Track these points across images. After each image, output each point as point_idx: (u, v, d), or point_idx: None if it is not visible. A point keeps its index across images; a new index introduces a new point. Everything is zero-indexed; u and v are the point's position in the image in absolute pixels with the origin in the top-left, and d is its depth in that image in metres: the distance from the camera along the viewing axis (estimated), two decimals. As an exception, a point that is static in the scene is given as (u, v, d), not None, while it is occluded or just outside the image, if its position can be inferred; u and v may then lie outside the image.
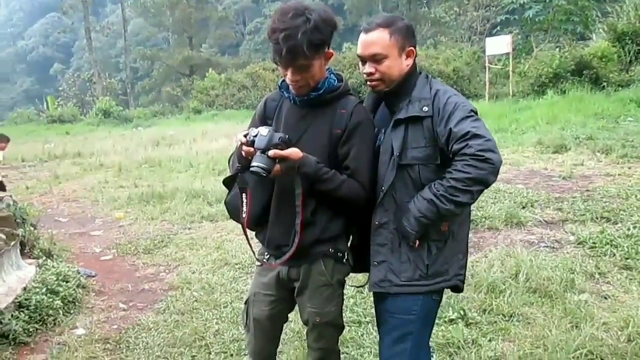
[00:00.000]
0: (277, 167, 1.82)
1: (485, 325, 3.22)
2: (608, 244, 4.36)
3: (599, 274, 3.89)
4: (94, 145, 14.78)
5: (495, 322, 3.25)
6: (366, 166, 1.92)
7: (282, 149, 1.80)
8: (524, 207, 5.61)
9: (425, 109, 1.86)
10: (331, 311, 2.02)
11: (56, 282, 4.15)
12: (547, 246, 4.56)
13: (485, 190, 6.23)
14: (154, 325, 3.75)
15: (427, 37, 30.62)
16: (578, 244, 4.54)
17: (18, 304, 3.69)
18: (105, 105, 25.47)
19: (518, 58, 18.54)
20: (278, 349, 2.37)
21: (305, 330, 2.16)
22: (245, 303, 2.17)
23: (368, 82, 1.97)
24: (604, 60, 15.08)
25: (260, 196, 1.99)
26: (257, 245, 2.16)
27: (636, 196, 5.57)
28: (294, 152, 1.83)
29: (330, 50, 1.92)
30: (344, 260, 2.02)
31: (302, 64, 1.82)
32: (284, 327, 2.31)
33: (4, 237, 4.02)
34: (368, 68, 1.95)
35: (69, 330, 3.73)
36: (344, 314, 2.20)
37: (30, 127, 24.12)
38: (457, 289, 2.03)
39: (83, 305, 4.18)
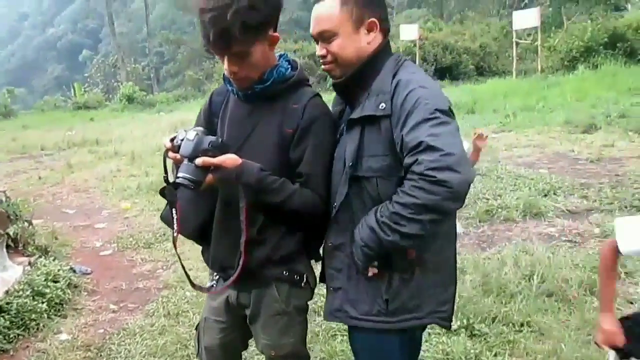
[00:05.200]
0: (210, 177, 1.52)
1: (491, 337, 2.87)
2: (637, 237, 3.93)
3: (626, 273, 3.49)
4: (113, 132, 14.71)
5: (503, 333, 2.90)
6: (323, 173, 1.60)
7: (213, 156, 1.49)
8: (545, 195, 5.20)
9: (382, 105, 1.46)
10: (289, 343, 1.73)
11: (44, 283, 3.97)
12: (568, 240, 4.18)
13: (505, 177, 5.78)
14: (139, 330, 3.54)
15: (453, 12, 29.73)
16: (603, 237, 4.13)
17: (-1, 308, 3.52)
18: (129, 90, 25.47)
19: (548, 32, 17.70)
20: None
21: (266, 359, 1.87)
22: (196, 329, 1.89)
23: (322, 67, 1.62)
24: (639, 31, 14.24)
25: (202, 207, 1.70)
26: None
27: (672, 181, 5.11)
28: (228, 159, 1.51)
29: (276, 34, 1.59)
30: (303, 284, 1.71)
31: (238, 51, 1.50)
32: (243, 355, 2.02)
33: (-14, 237, 3.85)
34: (319, 49, 1.59)
35: (52, 335, 3.55)
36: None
37: (56, 114, 24.28)
38: (440, 326, 1.63)
39: (71, 307, 3.99)
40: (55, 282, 4.12)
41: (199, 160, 1.47)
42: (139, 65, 38.17)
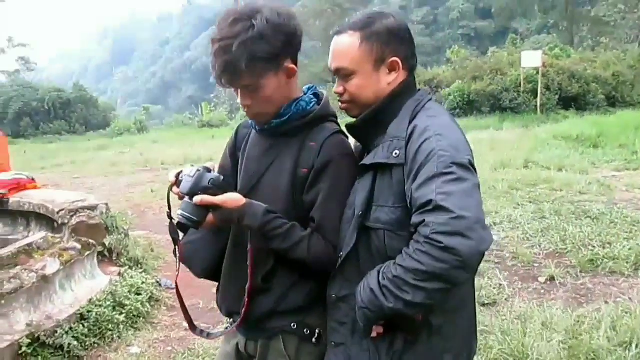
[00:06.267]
0: (210, 217, 1.43)
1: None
2: None
3: None
4: (227, 151, 15.40)
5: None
6: (338, 219, 1.45)
7: (213, 194, 1.40)
8: (666, 248, 4.52)
9: (397, 153, 1.33)
10: None
11: (126, 295, 4.15)
12: (686, 304, 3.55)
13: (619, 222, 5.16)
14: (203, 352, 3.57)
15: (585, 39, 27.81)
16: None
17: (80, 315, 3.72)
18: (247, 111, 26.73)
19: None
20: None
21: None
22: (211, 370, 1.81)
23: (340, 105, 1.51)
24: None
25: (214, 245, 1.62)
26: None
27: None
28: (229, 199, 1.41)
29: (292, 65, 1.47)
30: (314, 339, 1.54)
31: (247, 84, 1.41)
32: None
33: (79, 247, 4.10)
34: (337, 86, 1.48)
35: (124, 347, 3.68)
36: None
37: (183, 130, 26.15)
38: None
39: (148, 321, 4.13)
40: (138, 294, 4.29)
41: (197, 199, 1.40)
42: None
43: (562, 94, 18.16)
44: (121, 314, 3.93)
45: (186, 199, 1.42)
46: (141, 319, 4.09)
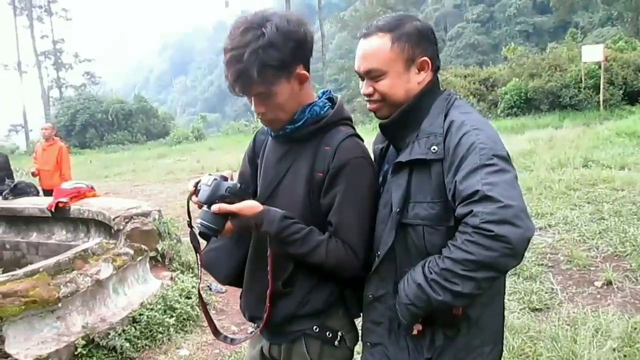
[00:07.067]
0: (229, 224, 1.46)
1: None
2: None
3: None
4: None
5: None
6: (355, 222, 1.45)
7: (230, 202, 1.43)
8: None
9: (435, 149, 1.34)
10: None
11: (177, 299, 4.28)
12: None
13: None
14: (249, 356, 3.62)
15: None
16: None
17: (132, 318, 3.87)
18: (299, 117, 27.03)
19: None
20: None
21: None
22: (241, 374, 1.84)
23: (368, 105, 1.51)
24: None
25: (236, 252, 1.65)
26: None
27: None
28: (246, 207, 1.43)
29: (304, 72, 1.48)
30: (336, 342, 1.54)
31: (259, 92, 1.43)
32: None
33: (131, 252, 4.27)
34: (365, 87, 1.48)
35: (174, 349, 3.79)
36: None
37: (239, 137, 26.73)
38: None
39: (198, 324, 4.23)
40: (188, 298, 4.41)
41: (214, 207, 1.43)
42: (315, 93, 40.45)
43: (627, 89, 17.26)
44: (171, 317, 4.06)
45: (205, 207, 1.46)
46: (190, 322, 4.20)
